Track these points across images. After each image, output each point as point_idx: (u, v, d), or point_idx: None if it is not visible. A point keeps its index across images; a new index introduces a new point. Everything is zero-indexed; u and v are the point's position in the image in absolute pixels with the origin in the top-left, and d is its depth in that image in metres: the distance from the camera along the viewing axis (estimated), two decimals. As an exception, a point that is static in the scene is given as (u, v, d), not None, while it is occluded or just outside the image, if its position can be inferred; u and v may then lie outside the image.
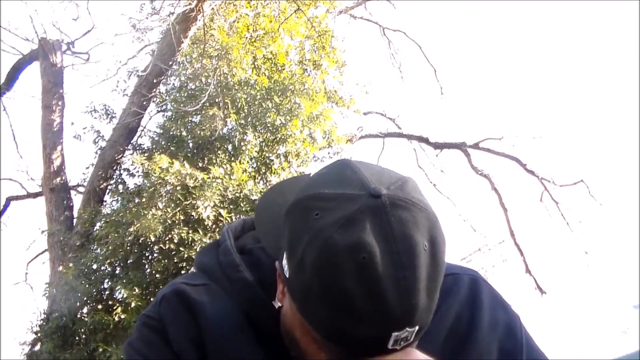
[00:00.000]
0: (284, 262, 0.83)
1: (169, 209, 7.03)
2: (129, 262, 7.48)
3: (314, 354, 0.83)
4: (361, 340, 0.75)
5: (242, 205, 7.09)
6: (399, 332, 0.74)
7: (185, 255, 6.70)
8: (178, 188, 7.05)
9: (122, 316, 6.84)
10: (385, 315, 0.73)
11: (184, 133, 8.25)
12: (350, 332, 0.75)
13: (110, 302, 7.42)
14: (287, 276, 0.82)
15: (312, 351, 0.83)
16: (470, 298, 1.01)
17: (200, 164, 7.80)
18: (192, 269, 1.06)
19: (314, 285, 0.76)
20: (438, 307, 0.88)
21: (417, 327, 0.76)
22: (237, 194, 7.20)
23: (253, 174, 7.92)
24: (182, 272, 6.82)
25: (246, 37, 8.88)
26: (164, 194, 7.12)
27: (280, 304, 0.91)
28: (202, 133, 7.95)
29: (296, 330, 0.85)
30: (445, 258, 0.80)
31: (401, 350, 0.78)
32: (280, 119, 8.08)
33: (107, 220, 7.71)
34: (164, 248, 6.98)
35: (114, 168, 8.89)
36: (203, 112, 8.02)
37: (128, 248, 7.35)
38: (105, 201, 8.89)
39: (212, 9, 8.53)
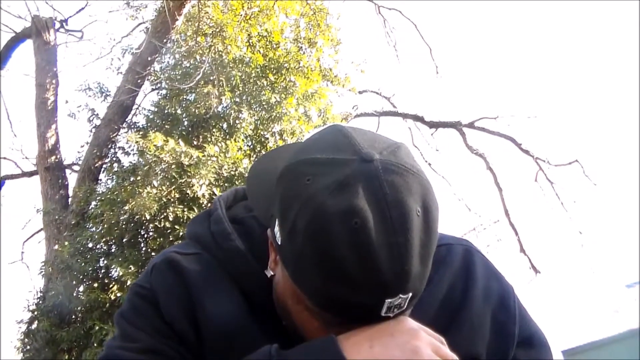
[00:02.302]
0: (276, 229, 0.83)
1: (164, 187, 7.03)
2: (124, 240, 7.49)
3: (306, 322, 0.83)
4: (354, 307, 0.75)
5: (237, 183, 7.09)
6: (392, 299, 0.74)
7: (181, 234, 6.71)
8: (173, 166, 7.04)
9: (118, 294, 6.87)
10: (378, 282, 0.72)
11: (178, 111, 8.22)
12: (343, 300, 0.74)
13: (106, 281, 7.45)
14: (279, 244, 0.82)
15: (304, 319, 0.83)
16: (464, 269, 1.01)
17: (195, 142, 7.79)
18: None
19: (306, 251, 0.75)
20: (431, 277, 0.88)
21: (410, 294, 0.76)
22: (232, 172, 7.19)
23: (248, 152, 7.90)
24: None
25: (241, 15, 8.81)
26: (159, 172, 7.11)
27: (272, 273, 0.90)
28: (196, 111, 7.93)
29: (288, 298, 0.85)
30: (439, 225, 0.79)
31: (394, 318, 0.79)
32: (275, 97, 8.06)
33: (103, 198, 7.70)
34: (159, 226, 6.99)
35: (109, 146, 8.87)
36: (198, 90, 7.99)
37: (123, 226, 7.35)
38: (101, 180, 8.88)
39: (207, -14, 8.47)
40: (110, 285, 7.15)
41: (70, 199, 8.89)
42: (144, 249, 7.36)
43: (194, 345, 0.90)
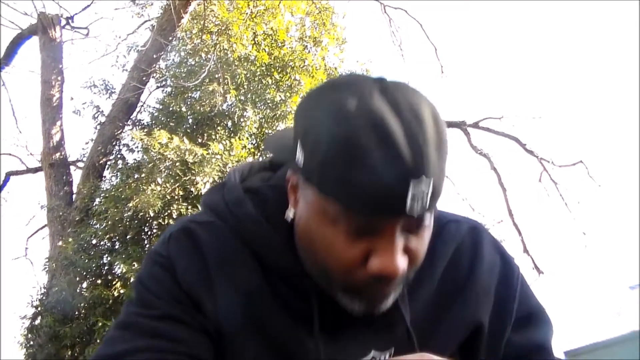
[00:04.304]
0: (298, 153, 0.84)
1: (168, 185, 7.04)
2: (128, 237, 7.51)
3: (332, 243, 0.82)
4: (382, 196, 0.75)
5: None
6: (415, 180, 0.75)
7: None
8: (177, 164, 7.05)
9: (122, 291, 6.88)
10: (400, 161, 0.74)
11: (183, 109, 8.23)
12: (371, 189, 0.75)
13: (109, 277, 7.47)
14: (302, 165, 0.83)
15: (330, 239, 0.82)
16: (472, 245, 1.03)
17: (199, 140, 7.79)
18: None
19: (330, 151, 0.77)
20: (438, 250, 0.96)
21: (431, 182, 0.76)
22: (237, 170, 7.19)
23: (252, 150, 7.92)
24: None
25: (246, 13, 8.82)
26: (163, 170, 7.12)
27: (292, 216, 0.91)
28: (201, 109, 7.94)
29: (313, 224, 0.84)
30: (447, 136, 0.82)
31: (418, 230, 0.81)
32: (280, 96, 8.06)
33: (107, 195, 7.72)
34: (163, 223, 7.00)
35: (114, 143, 8.89)
36: (203, 87, 8.00)
37: (127, 223, 7.37)
38: (105, 176, 8.91)
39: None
40: (114, 282, 7.16)
41: (74, 196, 8.91)
42: (147, 246, 7.37)
43: (211, 312, 0.90)
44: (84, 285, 7.47)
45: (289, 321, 0.91)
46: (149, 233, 7.58)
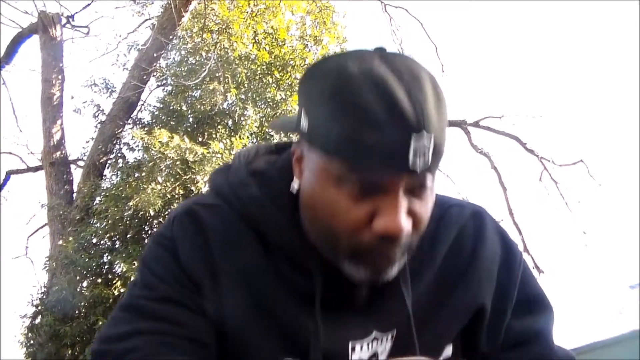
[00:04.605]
0: (303, 120, 0.86)
1: (168, 184, 7.04)
2: (128, 236, 7.51)
3: (337, 208, 0.82)
4: (385, 150, 0.76)
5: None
6: (417, 135, 0.76)
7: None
8: (178, 162, 7.05)
9: (122, 290, 6.88)
10: (402, 118, 0.76)
11: (184, 107, 8.22)
12: (375, 144, 0.76)
13: (109, 276, 7.47)
14: (307, 130, 0.85)
15: (335, 203, 0.82)
16: (474, 229, 1.03)
17: (200, 139, 7.79)
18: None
19: (333, 110, 0.79)
20: (440, 233, 0.98)
21: (432, 137, 0.78)
22: (237, 169, 7.19)
23: (253, 149, 7.90)
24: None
25: (247, 12, 8.81)
26: (164, 169, 7.12)
27: (297, 187, 0.92)
28: (202, 108, 7.94)
29: (317, 189, 0.85)
30: (446, 101, 0.84)
31: (421, 191, 0.82)
32: (280, 94, 8.06)
33: (107, 194, 7.72)
34: (163, 222, 6.99)
35: (114, 142, 8.88)
36: (203, 86, 8.00)
37: (127, 222, 7.37)
38: (105, 175, 8.91)
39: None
40: (114, 281, 7.17)
41: (74, 195, 8.90)
42: (147, 244, 7.36)
43: (212, 295, 0.91)
44: (85, 284, 7.47)
45: (292, 301, 0.91)
46: (149, 232, 7.57)
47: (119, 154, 8.91)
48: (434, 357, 0.96)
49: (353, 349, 0.93)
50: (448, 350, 1.00)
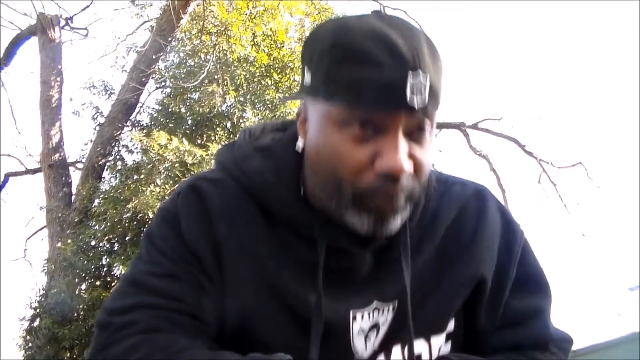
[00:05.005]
0: (306, 77, 0.90)
1: (167, 186, 7.04)
2: (127, 238, 7.50)
3: (341, 150, 0.85)
4: (384, 88, 0.80)
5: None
6: (414, 73, 0.80)
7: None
8: (176, 165, 7.05)
9: (120, 292, 6.85)
10: (400, 58, 0.80)
11: (182, 110, 8.23)
12: (374, 83, 0.80)
13: (108, 279, 7.47)
14: (310, 83, 0.89)
15: (338, 146, 0.85)
16: (477, 207, 1.05)
17: (198, 141, 7.79)
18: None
19: (334, 58, 0.84)
20: (442, 209, 1.01)
21: (428, 77, 0.82)
22: (236, 172, 7.19)
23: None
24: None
25: (246, 14, 8.81)
26: (163, 171, 7.12)
27: (301, 145, 0.95)
28: (200, 110, 7.94)
29: (321, 136, 0.88)
30: (440, 55, 0.88)
31: (420, 136, 0.85)
32: (279, 97, 8.05)
33: (106, 196, 7.72)
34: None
35: (113, 144, 8.88)
36: (202, 88, 8.00)
37: (126, 224, 7.36)
38: (104, 177, 8.90)
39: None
40: (113, 284, 7.16)
41: (73, 197, 8.89)
42: (146, 247, 7.35)
43: (214, 270, 0.93)
44: (83, 286, 7.47)
45: (295, 272, 0.93)
46: (148, 234, 7.56)
47: (118, 156, 8.91)
48: (438, 330, 0.99)
49: (354, 317, 0.94)
50: (451, 325, 1.01)
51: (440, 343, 0.99)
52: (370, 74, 0.81)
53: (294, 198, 0.94)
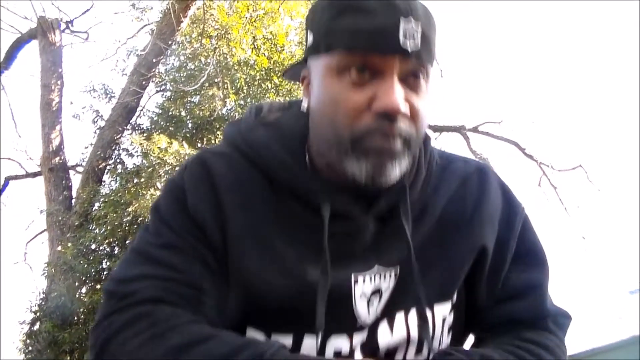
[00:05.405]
0: (308, 38, 0.96)
1: (167, 189, 7.01)
2: (127, 242, 7.49)
3: (341, 92, 0.89)
4: (378, 33, 0.86)
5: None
6: (405, 19, 0.86)
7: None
8: (177, 168, 7.03)
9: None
10: (391, 5, 0.86)
11: (183, 113, 8.23)
12: (368, 28, 0.86)
13: (108, 282, 7.43)
14: (312, 44, 0.95)
15: (337, 92, 0.90)
16: (478, 183, 1.08)
17: (199, 144, 7.80)
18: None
19: (332, 12, 0.90)
20: (443, 180, 1.05)
21: (420, 24, 0.87)
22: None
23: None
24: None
25: (246, 17, 8.82)
26: (163, 174, 7.11)
27: (306, 104, 1.00)
28: (201, 113, 7.94)
29: (322, 89, 0.93)
30: (433, 16, 0.93)
31: (415, 84, 0.90)
32: (279, 100, 8.05)
33: (106, 200, 7.72)
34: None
35: (113, 148, 8.87)
36: (202, 92, 8.01)
37: (126, 228, 7.36)
38: (104, 181, 8.89)
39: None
40: (113, 287, 7.13)
41: (73, 200, 8.88)
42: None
43: (219, 241, 0.95)
44: (83, 290, 7.45)
45: (299, 238, 0.95)
46: (148, 238, 7.55)
47: (118, 160, 8.90)
48: (441, 298, 1.01)
49: (356, 281, 0.96)
50: (454, 297, 1.04)
51: (444, 312, 1.01)
52: (364, 20, 0.86)
53: (299, 165, 0.97)
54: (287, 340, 0.94)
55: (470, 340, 1.13)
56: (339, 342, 0.96)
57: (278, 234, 0.95)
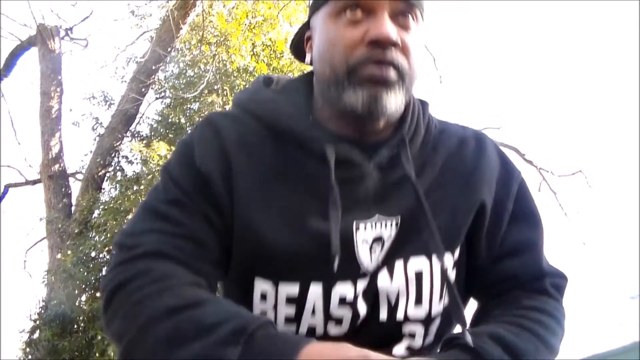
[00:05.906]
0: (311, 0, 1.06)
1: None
2: (127, 248, 7.46)
3: (339, 31, 0.98)
4: None
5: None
6: None
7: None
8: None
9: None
10: None
11: (182, 120, 8.23)
12: None
13: (108, 290, 7.41)
14: (314, 5, 1.05)
15: (336, 31, 0.98)
16: (476, 145, 1.13)
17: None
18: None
19: None
20: (441, 140, 1.10)
21: None
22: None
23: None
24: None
25: (245, 24, 8.83)
26: (163, 181, 7.09)
27: (310, 59, 1.09)
28: (200, 120, 7.92)
29: (322, 33, 1.02)
30: None
31: (404, 18, 0.98)
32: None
33: (106, 207, 7.71)
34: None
35: (113, 155, 8.87)
36: (202, 99, 8.01)
37: (126, 235, 7.33)
38: (104, 188, 8.88)
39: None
40: (113, 295, 7.11)
41: (73, 208, 8.87)
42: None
43: (224, 196, 0.99)
44: (83, 298, 7.43)
45: (304, 187, 1.00)
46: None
47: (118, 167, 8.90)
48: (446, 250, 1.03)
49: (357, 228, 1.00)
50: (456, 254, 1.06)
51: (446, 265, 1.03)
52: None
53: (303, 116, 1.04)
54: (294, 288, 0.98)
55: (471, 306, 1.16)
56: (343, 289, 0.98)
57: (283, 186, 1.00)
